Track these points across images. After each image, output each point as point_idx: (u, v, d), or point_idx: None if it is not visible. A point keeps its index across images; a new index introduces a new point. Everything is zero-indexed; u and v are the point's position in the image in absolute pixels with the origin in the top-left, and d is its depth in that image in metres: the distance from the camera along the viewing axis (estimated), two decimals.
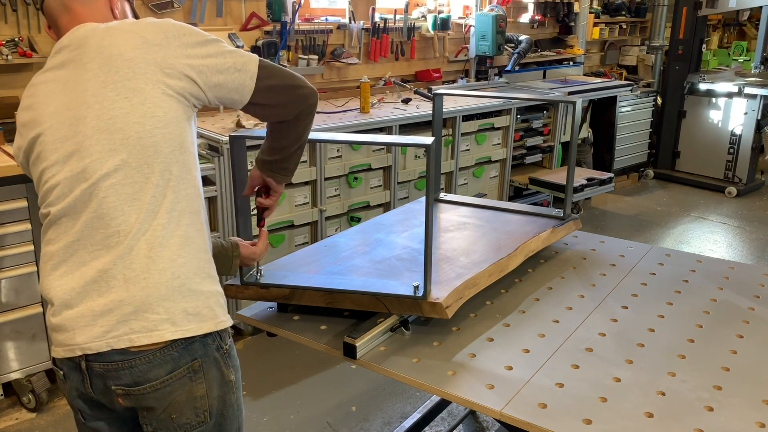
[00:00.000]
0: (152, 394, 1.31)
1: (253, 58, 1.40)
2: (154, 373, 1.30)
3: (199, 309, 1.32)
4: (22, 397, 2.80)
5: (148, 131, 1.29)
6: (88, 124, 1.29)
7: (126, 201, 1.28)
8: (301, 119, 1.50)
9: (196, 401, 1.34)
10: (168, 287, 1.29)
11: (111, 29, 1.34)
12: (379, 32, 4.43)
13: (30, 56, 3.01)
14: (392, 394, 2.93)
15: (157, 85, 1.30)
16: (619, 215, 5.51)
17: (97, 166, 1.28)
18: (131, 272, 1.28)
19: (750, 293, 1.97)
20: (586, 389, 1.47)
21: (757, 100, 5.76)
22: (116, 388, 1.31)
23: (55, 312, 1.31)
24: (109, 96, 1.29)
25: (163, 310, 1.28)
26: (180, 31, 1.35)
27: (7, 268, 2.61)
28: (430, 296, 1.65)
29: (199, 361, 1.33)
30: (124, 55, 1.30)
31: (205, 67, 1.35)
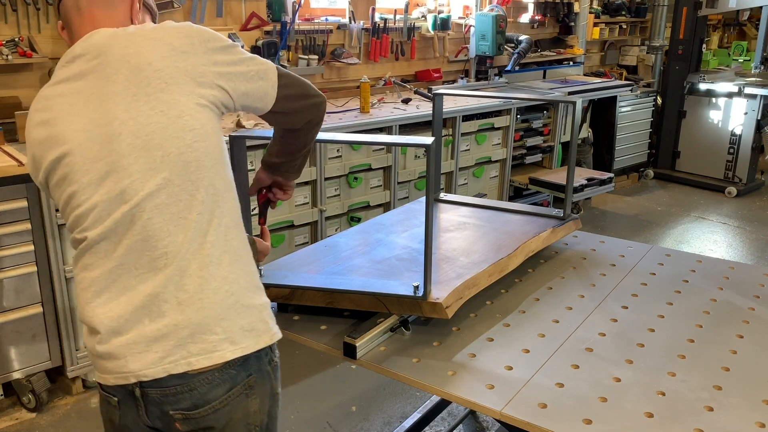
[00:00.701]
0: (212, 416, 1.27)
1: (271, 65, 1.36)
2: (213, 393, 1.26)
3: (254, 324, 1.29)
4: (22, 397, 2.80)
5: (188, 146, 1.22)
6: (123, 141, 1.21)
7: (172, 221, 1.22)
8: (312, 128, 1.49)
9: (250, 417, 1.32)
10: (223, 306, 1.25)
11: (133, 36, 1.26)
12: (379, 32, 4.43)
13: (30, 56, 3.01)
14: (392, 394, 2.93)
15: (191, 96, 1.23)
16: (619, 215, 5.51)
17: (137, 187, 1.21)
18: (184, 294, 1.23)
19: (750, 293, 1.97)
20: (586, 389, 1.47)
21: (757, 100, 5.76)
22: (174, 413, 1.26)
23: (102, 339, 1.24)
24: (143, 110, 1.21)
25: (221, 330, 1.24)
26: (203, 36, 1.28)
27: (7, 268, 2.61)
28: (430, 296, 1.65)
29: (254, 376, 1.30)
30: (153, 65, 1.22)
31: (233, 75, 1.29)
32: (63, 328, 2.78)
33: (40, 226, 2.65)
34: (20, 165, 2.55)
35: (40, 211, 2.63)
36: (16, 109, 3.03)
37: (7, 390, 2.85)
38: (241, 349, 1.26)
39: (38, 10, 3.09)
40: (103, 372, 1.28)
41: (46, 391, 2.82)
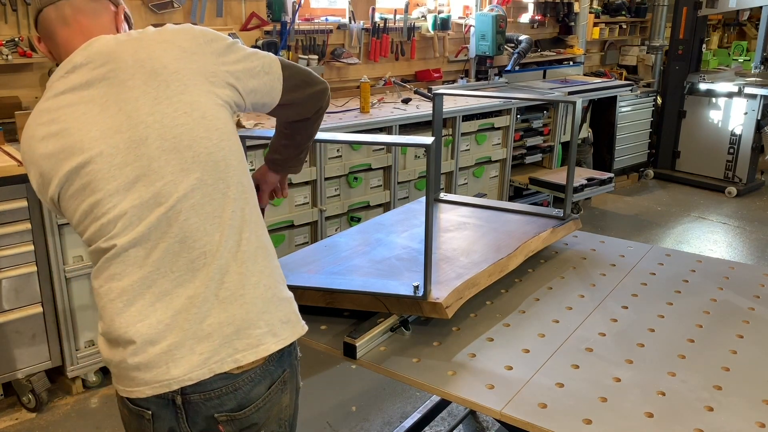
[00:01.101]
0: (256, 414, 1.28)
1: (273, 58, 1.36)
2: (256, 391, 1.27)
3: (289, 316, 1.31)
4: (22, 397, 2.80)
5: (216, 145, 1.23)
6: (152, 144, 1.20)
7: (208, 220, 1.22)
8: (320, 116, 1.50)
9: (282, 412, 1.34)
10: (263, 299, 1.27)
11: (141, 41, 1.25)
12: (379, 32, 4.42)
13: (30, 56, 3.01)
14: (392, 394, 2.93)
15: (209, 96, 1.24)
16: (619, 215, 5.51)
17: (171, 189, 1.20)
18: (226, 292, 1.23)
19: (750, 293, 1.97)
20: (586, 389, 1.47)
21: (757, 100, 5.76)
22: (219, 416, 1.25)
23: (137, 350, 1.21)
24: (166, 112, 1.21)
25: (264, 324, 1.26)
26: (207, 37, 1.29)
27: (7, 268, 2.61)
28: (430, 296, 1.65)
29: (288, 371, 1.32)
30: (169, 68, 1.22)
31: (240, 73, 1.30)
32: (63, 328, 2.78)
33: (40, 226, 2.65)
34: (20, 165, 2.55)
35: (40, 211, 2.63)
36: (16, 109, 3.03)
37: (7, 390, 2.85)
38: (282, 341, 1.28)
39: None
40: (137, 385, 1.23)
41: (46, 391, 2.82)
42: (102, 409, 2.84)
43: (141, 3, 3.42)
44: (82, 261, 2.78)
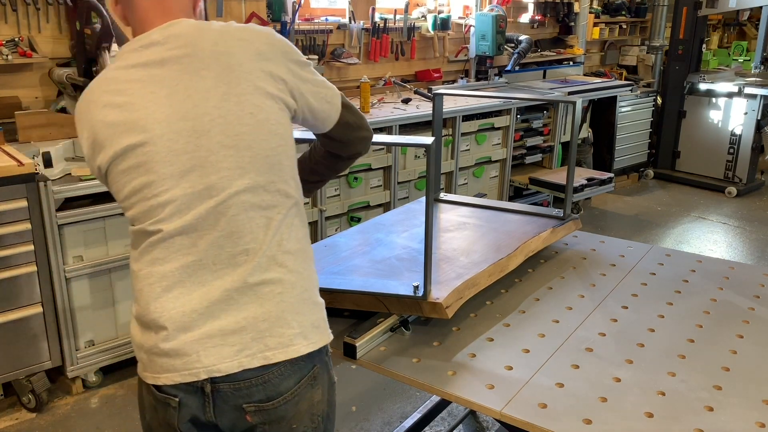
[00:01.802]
0: (283, 407, 1.29)
1: (337, 92, 1.41)
2: (284, 385, 1.27)
3: (320, 321, 1.33)
4: (22, 397, 2.80)
5: (273, 149, 1.26)
6: (213, 138, 1.21)
7: (254, 219, 1.24)
8: (354, 159, 1.57)
9: (314, 407, 1.33)
10: (299, 300, 1.28)
11: (221, 34, 1.27)
12: (379, 32, 4.42)
13: (30, 56, 3.01)
14: (392, 394, 2.93)
15: (275, 100, 1.27)
16: (619, 215, 5.51)
17: (225, 184, 1.22)
18: (265, 288, 1.25)
19: (750, 293, 1.97)
20: (586, 389, 1.47)
21: (757, 100, 5.76)
22: (247, 406, 1.26)
23: (169, 336, 1.22)
24: (233, 110, 1.22)
25: (297, 324, 1.27)
26: (284, 48, 1.31)
27: (7, 268, 2.61)
28: (430, 296, 1.65)
29: (318, 367, 1.32)
30: (243, 66, 1.24)
31: (306, 91, 1.33)
32: (63, 328, 2.78)
33: (40, 226, 2.65)
34: (20, 165, 2.55)
35: (40, 211, 2.63)
36: (16, 109, 3.03)
37: (7, 390, 2.85)
38: (311, 344, 1.29)
39: (38, 10, 3.08)
40: (166, 371, 1.24)
41: (46, 391, 2.82)
42: (102, 409, 2.84)
43: None
44: (82, 261, 2.78)
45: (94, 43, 2.94)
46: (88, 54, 2.98)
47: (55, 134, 3.00)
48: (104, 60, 2.95)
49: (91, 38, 2.95)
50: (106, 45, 2.95)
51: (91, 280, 2.83)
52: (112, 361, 2.97)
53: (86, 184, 2.71)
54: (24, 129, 2.95)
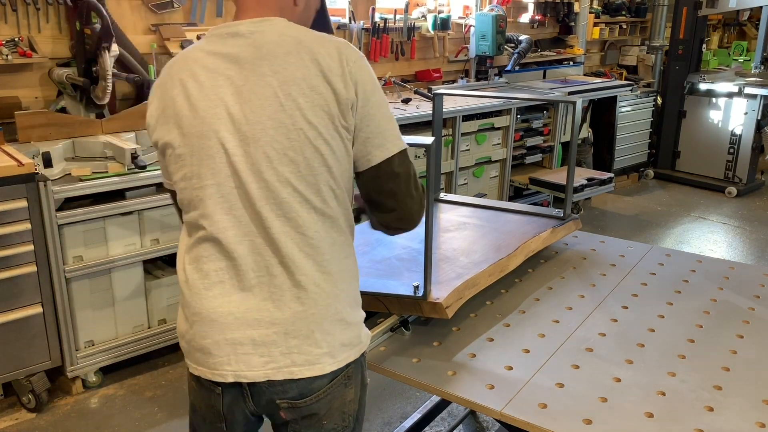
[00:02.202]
0: (316, 404, 1.31)
1: (388, 148, 1.31)
2: (317, 383, 1.29)
3: (352, 339, 1.32)
4: (22, 397, 2.80)
5: (316, 168, 1.24)
6: (260, 148, 1.23)
7: (291, 233, 1.25)
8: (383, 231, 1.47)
9: (345, 406, 1.35)
10: (331, 321, 1.28)
11: (299, 43, 1.26)
12: (379, 32, 4.42)
13: (30, 56, 3.01)
14: (392, 394, 2.93)
15: (324, 120, 1.24)
16: (619, 215, 5.51)
17: (266, 194, 1.25)
18: (298, 306, 1.26)
19: (750, 293, 1.97)
20: (586, 389, 1.47)
21: (757, 100, 5.76)
22: (281, 402, 1.30)
23: (206, 334, 1.27)
24: (286, 123, 1.23)
25: (325, 345, 1.28)
26: (360, 71, 1.27)
27: (7, 268, 2.61)
28: (430, 296, 1.65)
29: (352, 367, 1.34)
30: (307, 81, 1.23)
31: (357, 119, 1.27)
32: (63, 328, 2.78)
33: (40, 226, 2.64)
34: (20, 165, 2.55)
35: (40, 211, 2.63)
36: (16, 109, 3.03)
37: (7, 390, 2.85)
38: (338, 362, 1.29)
39: (38, 10, 3.08)
40: (201, 365, 1.29)
41: (46, 391, 2.82)
42: (102, 409, 2.84)
43: (141, 3, 3.42)
44: (82, 261, 2.78)
45: (94, 43, 2.94)
46: (88, 54, 2.98)
47: (55, 134, 3.00)
48: (104, 60, 2.95)
49: (91, 38, 2.95)
50: (106, 45, 2.95)
51: (91, 280, 2.83)
52: (112, 361, 2.96)
53: (86, 184, 2.71)
54: (24, 129, 2.95)
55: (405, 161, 1.33)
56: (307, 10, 1.42)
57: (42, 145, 2.86)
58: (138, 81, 3.19)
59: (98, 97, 3.03)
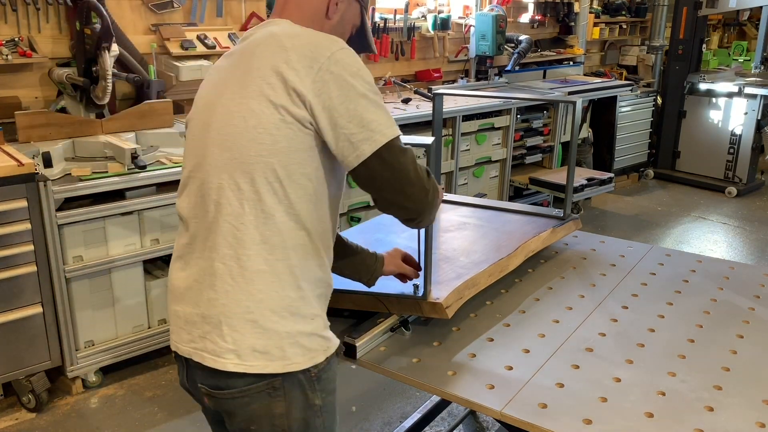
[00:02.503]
0: (231, 401, 1.30)
1: (376, 140, 1.23)
2: (231, 382, 1.28)
3: (270, 349, 1.26)
4: (22, 397, 2.80)
5: (250, 157, 1.23)
6: (211, 133, 1.28)
7: (224, 223, 1.26)
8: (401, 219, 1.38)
9: (275, 418, 1.30)
10: (241, 320, 1.26)
11: (274, 36, 1.28)
12: (379, 32, 4.42)
13: (30, 56, 3.01)
14: (392, 394, 2.93)
15: (278, 110, 1.22)
16: (619, 215, 5.51)
17: (211, 181, 1.28)
18: (214, 294, 1.27)
19: (750, 293, 1.97)
20: (586, 389, 1.47)
21: (757, 100, 5.76)
22: (202, 387, 1.33)
23: (170, 302, 1.39)
24: (232, 111, 1.25)
25: (231, 341, 1.26)
26: (331, 67, 1.22)
27: (7, 268, 2.61)
28: (430, 296, 1.65)
29: (280, 379, 1.28)
30: (261, 71, 1.24)
31: (324, 116, 1.22)
32: (63, 328, 2.78)
33: (40, 226, 2.64)
34: (20, 165, 2.55)
35: (40, 211, 2.63)
36: (16, 109, 3.03)
37: (7, 390, 2.85)
38: (245, 367, 1.26)
39: (38, 10, 3.08)
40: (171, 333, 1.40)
41: (46, 391, 2.82)
42: (102, 409, 2.84)
43: (141, 3, 3.42)
44: (82, 261, 2.78)
45: (94, 43, 2.94)
46: (87, 54, 2.98)
47: (55, 134, 3.00)
48: (104, 60, 2.95)
49: (91, 38, 2.95)
50: (106, 45, 2.95)
51: (91, 280, 2.83)
52: (112, 361, 2.97)
53: (86, 184, 2.71)
54: (24, 129, 2.95)
55: (396, 151, 1.27)
56: (342, 24, 1.42)
57: (42, 145, 2.86)
58: (138, 81, 3.19)
59: (98, 97, 3.03)
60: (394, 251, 1.71)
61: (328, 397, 1.36)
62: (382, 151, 1.25)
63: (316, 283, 1.33)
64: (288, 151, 1.24)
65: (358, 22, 1.47)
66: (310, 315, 1.30)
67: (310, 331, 1.30)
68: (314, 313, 1.31)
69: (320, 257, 1.33)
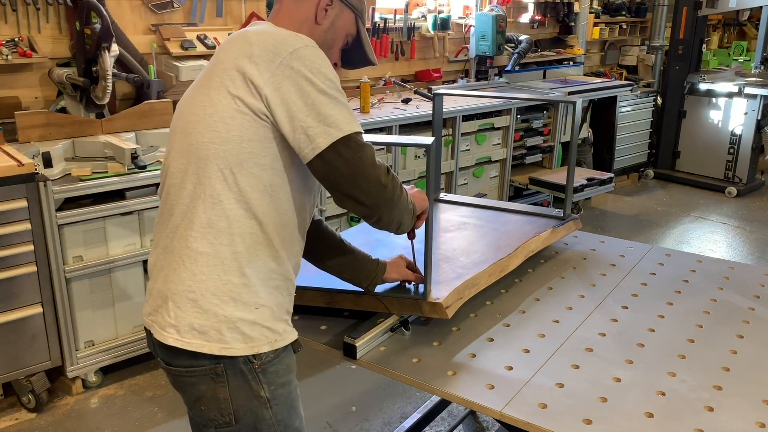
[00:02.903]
0: (180, 379, 1.38)
1: (332, 134, 1.24)
2: (177, 360, 1.36)
3: (206, 329, 1.31)
4: (22, 397, 2.80)
5: (204, 144, 1.29)
6: (178, 122, 1.38)
7: (176, 206, 1.34)
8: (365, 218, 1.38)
9: (220, 402, 1.35)
10: (183, 299, 1.32)
11: (242, 34, 1.32)
12: (379, 32, 4.42)
13: (30, 56, 3.01)
14: (392, 394, 2.93)
15: (236, 101, 1.26)
16: (619, 215, 5.51)
17: (171, 165, 1.37)
18: (164, 271, 1.36)
19: (750, 293, 1.97)
20: (586, 389, 1.47)
21: (757, 100, 5.76)
22: (159, 360, 1.41)
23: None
24: (196, 100, 1.33)
25: (174, 316, 1.33)
26: (292, 62, 1.24)
27: (7, 268, 2.61)
28: (430, 296, 1.65)
29: (222, 366, 1.33)
30: (224, 64, 1.30)
31: (281, 109, 1.25)
32: (63, 328, 2.78)
33: (40, 226, 2.64)
34: (20, 165, 2.55)
35: (40, 211, 2.63)
36: (16, 109, 3.03)
37: (7, 390, 2.85)
38: (184, 343, 1.32)
39: (38, 10, 3.08)
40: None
41: (46, 391, 2.82)
42: (102, 409, 2.84)
43: (141, 3, 3.42)
44: (82, 261, 2.78)
45: (94, 43, 2.94)
46: (87, 54, 2.98)
47: (55, 134, 3.00)
48: (104, 60, 2.95)
49: (91, 38, 2.95)
50: (106, 45, 2.95)
51: (91, 280, 2.83)
52: (112, 361, 2.97)
53: (86, 184, 2.71)
54: (24, 129, 2.95)
55: (353, 145, 1.26)
56: (333, 31, 1.44)
57: (42, 145, 2.86)
58: (138, 81, 3.19)
59: (98, 97, 3.03)
60: (399, 258, 1.72)
61: (278, 390, 1.38)
62: (338, 145, 1.25)
63: (268, 274, 1.35)
64: (240, 140, 1.28)
65: (353, 31, 1.48)
66: (253, 304, 1.33)
67: (253, 319, 1.33)
68: (259, 302, 1.33)
69: (274, 249, 1.35)
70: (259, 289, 1.33)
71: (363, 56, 1.54)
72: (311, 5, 1.41)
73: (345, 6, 1.45)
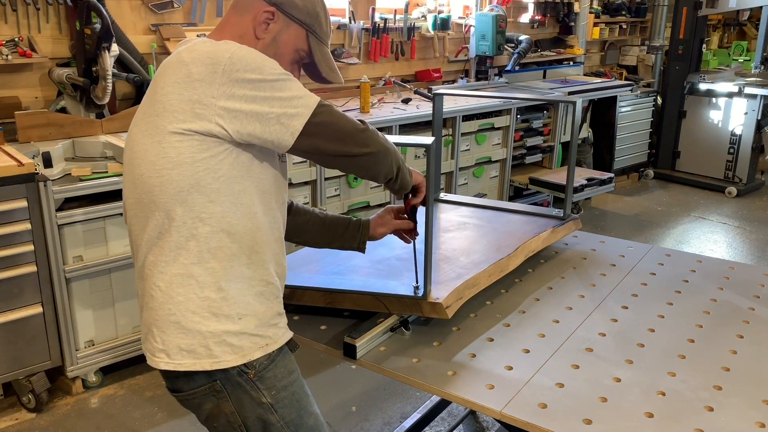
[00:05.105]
0: (186, 403, 1.41)
1: (302, 111, 1.27)
2: (177, 384, 1.39)
3: (194, 347, 1.33)
4: (22, 397, 2.80)
5: (156, 171, 1.28)
6: (126, 154, 1.38)
7: (137, 237, 1.37)
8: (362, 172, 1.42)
9: (228, 416, 1.38)
10: (165, 321, 1.34)
11: (176, 55, 1.30)
12: (379, 32, 4.43)
13: (30, 56, 3.01)
14: (392, 394, 2.93)
15: (181, 124, 1.25)
16: (619, 215, 5.51)
17: (129, 197, 1.37)
18: (143, 300, 1.38)
19: (750, 293, 1.97)
20: (586, 389, 1.47)
21: (757, 100, 5.76)
22: (166, 387, 1.43)
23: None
24: (140, 129, 1.32)
25: (160, 341, 1.34)
26: (234, 66, 1.23)
27: (7, 268, 2.61)
28: (430, 296, 1.65)
29: (219, 382, 1.36)
30: (164, 89, 1.27)
31: (243, 114, 1.24)
32: (63, 328, 2.78)
33: (40, 226, 2.64)
34: (20, 165, 2.55)
35: (40, 211, 2.63)
36: (16, 109, 3.03)
37: (7, 390, 2.85)
38: (175, 365, 1.34)
39: (38, 10, 3.08)
40: None
41: (46, 391, 2.82)
42: (102, 409, 2.84)
43: (141, 3, 3.42)
44: (82, 261, 2.78)
45: (94, 43, 2.94)
46: (87, 54, 2.98)
47: (55, 134, 3.00)
48: (104, 60, 2.95)
49: (91, 38, 2.95)
50: (106, 45, 2.95)
51: (91, 280, 2.83)
52: (112, 361, 2.97)
53: (86, 184, 2.71)
54: (24, 129, 2.95)
55: (323, 112, 1.29)
56: (275, 45, 1.41)
57: (42, 145, 2.86)
58: (138, 81, 3.19)
59: (98, 97, 3.03)
60: (384, 211, 1.77)
61: (281, 393, 1.40)
62: (312, 118, 1.28)
63: (248, 283, 1.35)
64: (193, 161, 1.27)
65: (304, 47, 1.44)
66: (235, 315, 1.34)
67: (238, 330, 1.34)
68: (241, 312, 1.35)
69: (246, 256, 1.35)
70: (239, 300, 1.34)
71: (317, 74, 1.50)
72: (250, 19, 1.38)
73: (291, 21, 1.40)
